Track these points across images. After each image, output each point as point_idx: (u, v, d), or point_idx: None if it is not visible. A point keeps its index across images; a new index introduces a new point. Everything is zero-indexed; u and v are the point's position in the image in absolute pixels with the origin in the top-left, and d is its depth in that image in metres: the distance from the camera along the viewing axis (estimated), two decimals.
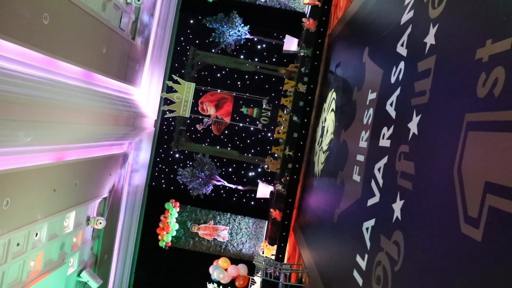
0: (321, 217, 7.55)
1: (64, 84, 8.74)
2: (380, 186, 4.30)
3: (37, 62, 7.84)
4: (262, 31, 13.27)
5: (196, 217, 13.58)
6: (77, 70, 9.40)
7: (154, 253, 13.56)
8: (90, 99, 9.89)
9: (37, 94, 7.52)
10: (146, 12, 13.06)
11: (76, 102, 9.09)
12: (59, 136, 8.72)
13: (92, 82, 10.37)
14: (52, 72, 8.39)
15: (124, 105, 12.00)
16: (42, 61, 7.98)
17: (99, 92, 10.66)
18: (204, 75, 14.03)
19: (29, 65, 7.61)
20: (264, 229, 13.55)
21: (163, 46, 14.30)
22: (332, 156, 7.50)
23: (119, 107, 11.57)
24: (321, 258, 7.15)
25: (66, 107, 8.62)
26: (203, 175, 13.04)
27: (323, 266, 6.85)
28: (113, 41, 11.07)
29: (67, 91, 8.78)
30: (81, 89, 9.58)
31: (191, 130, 14.32)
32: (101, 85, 10.89)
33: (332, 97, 8.49)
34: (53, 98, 8.01)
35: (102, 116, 10.51)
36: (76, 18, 8.91)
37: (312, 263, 7.72)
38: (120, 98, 12.04)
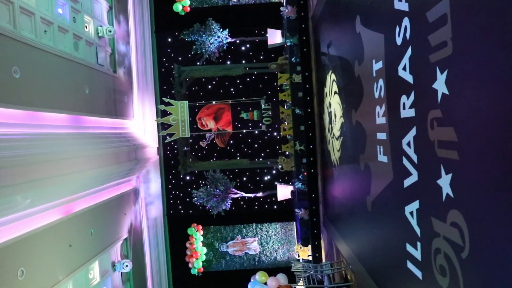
0: (352, 207, 6.98)
1: (52, 135, 8.29)
2: (415, 163, 3.75)
3: (18, 119, 7.40)
4: (242, 32, 12.77)
5: (222, 236, 13.06)
6: (63, 117, 8.96)
7: (188, 283, 13.06)
8: (85, 143, 9.44)
9: (26, 152, 7.07)
10: (121, 42, 12.63)
11: (70, 150, 8.64)
12: (61, 189, 8.27)
13: (83, 126, 9.93)
14: (37, 125, 7.95)
15: (121, 140, 11.55)
16: (23, 116, 7.54)
17: (92, 134, 10.21)
18: (195, 90, 13.55)
19: (9, 124, 7.17)
20: (293, 231, 12.99)
21: (147, 71, 13.86)
22: (348, 141, 6.94)
23: (117, 144, 11.12)
24: (362, 251, 6.59)
25: (60, 158, 8.17)
26: (219, 191, 12.53)
27: (368, 259, 6.28)
28: (94, 79, 10.63)
29: (58, 142, 8.33)
30: (73, 135, 9.14)
31: (195, 149, 13.84)
32: (92, 126, 10.44)
33: (331, 79, 7.94)
34: (45, 152, 7.55)
35: (101, 157, 10.05)
36: (49, 65, 8.48)
37: (353, 257, 7.15)
38: (116, 135, 11.59)
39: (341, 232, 8.50)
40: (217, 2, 12.42)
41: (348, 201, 7.41)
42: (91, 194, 10.12)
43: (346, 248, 7.84)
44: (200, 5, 12.47)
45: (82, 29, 10.27)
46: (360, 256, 6.71)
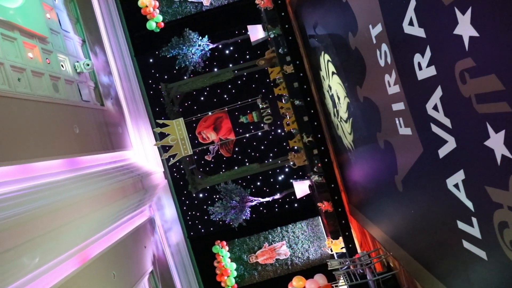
0: (379, 190, 6.43)
1: (49, 184, 7.81)
2: (448, 128, 3.20)
3: (8, 176, 6.93)
4: (223, 35, 12.27)
5: (248, 247, 12.52)
6: (57, 162, 8.49)
7: None
8: (86, 185, 8.95)
9: (24, 209, 6.59)
10: (103, 73, 12.17)
11: (71, 196, 8.16)
12: (70, 239, 7.78)
13: (80, 167, 9.46)
14: (30, 178, 7.48)
15: (124, 173, 11.06)
16: (13, 172, 7.07)
17: (92, 173, 9.73)
18: (188, 105, 13.06)
19: (1, 183, 6.70)
20: (320, 226, 12.43)
21: (136, 97, 13.39)
22: (359, 121, 6.39)
23: (120, 178, 10.63)
24: (401, 235, 6.03)
25: (62, 206, 7.68)
26: (235, 202, 12.00)
27: (409, 243, 5.72)
28: (82, 116, 10.17)
29: (56, 190, 7.85)
30: (71, 180, 8.66)
31: (202, 164, 13.34)
32: (90, 165, 9.97)
33: (325, 60, 7.40)
34: (44, 205, 7.07)
35: (106, 196, 9.57)
36: (31, 112, 8.01)
37: (391, 243, 6.59)
38: (117, 169, 11.11)
39: (372, 218, 7.95)
40: (190, 11, 11.94)
41: (373, 184, 6.86)
42: (105, 235, 9.64)
43: (380, 234, 7.28)
44: (173, 17, 11.98)
45: (59, 69, 9.82)
46: (400, 241, 6.15)
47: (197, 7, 11.85)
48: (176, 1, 11.78)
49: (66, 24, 10.96)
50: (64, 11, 11.10)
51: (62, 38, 10.44)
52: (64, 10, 11.08)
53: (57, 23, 10.47)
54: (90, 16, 12.26)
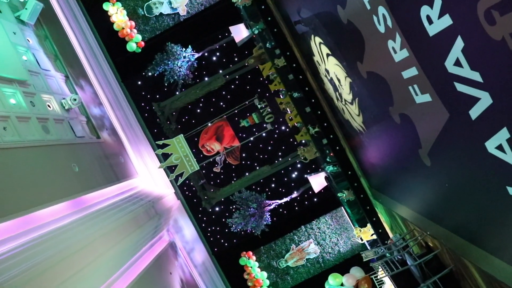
0: (403, 168, 5.93)
1: (56, 231, 7.41)
2: (479, 82, 2.72)
3: (11, 231, 6.53)
4: (206, 42, 11.84)
5: (276, 252, 12.04)
6: (61, 206, 8.08)
7: None
8: (96, 223, 8.55)
9: (33, 262, 6.19)
10: (93, 105, 11.80)
11: (83, 237, 7.75)
12: (89, 282, 7.36)
13: (86, 206, 9.05)
14: (35, 228, 7.07)
15: (134, 203, 10.65)
16: (16, 226, 6.67)
17: (100, 209, 9.33)
18: (186, 120, 12.63)
19: (3, 241, 6.30)
20: (345, 217, 11.92)
21: (131, 123, 13.01)
22: (366, 100, 5.91)
23: (131, 208, 10.22)
24: (435, 211, 5.54)
25: (75, 250, 7.28)
26: (253, 210, 11.53)
27: (447, 218, 5.23)
28: (79, 153, 9.78)
29: (65, 235, 7.44)
30: (79, 221, 8.25)
31: (211, 177, 12.91)
32: (97, 202, 9.57)
33: (317, 43, 6.92)
34: (55, 254, 6.67)
35: (120, 229, 9.16)
36: (23, 159, 7.63)
37: (425, 221, 6.08)
38: (126, 199, 10.70)
39: (398, 199, 7.46)
40: (168, 24, 11.53)
41: (394, 163, 6.36)
42: (127, 270, 9.21)
43: (411, 213, 6.78)
44: (153, 34, 11.58)
45: (45, 110, 9.44)
46: (435, 217, 5.65)
47: (174, 18, 11.44)
48: (152, 17, 11.38)
49: (45, 63, 10.59)
50: (41, 50, 10.74)
51: (43, 78, 10.07)
52: (40, 49, 10.72)
53: (35, 63, 10.10)
54: (68, 50, 11.90)
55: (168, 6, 11.20)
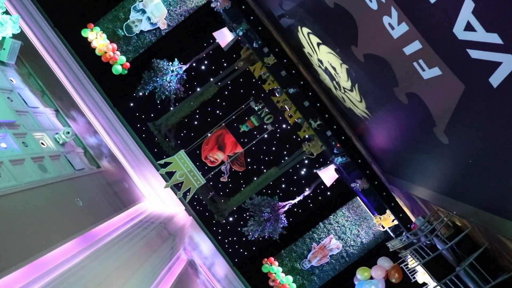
0: (417, 149, 5.59)
1: (68, 271, 7.11)
2: (498, 44, 2.39)
3: (21, 281, 6.24)
4: (192, 52, 11.54)
5: (297, 254, 11.70)
6: (70, 244, 7.79)
7: None
8: (109, 255, 8.25)
9: None
10: (88, 135, 11.54)
11: (98, 273, 7.46)
12: None
13: (97, 239, 8.76)
14: (46, 273, 6.78)
15: (145, 227, 10.36)
16: (25, 274, 6.38)
17: (112, 240, 9.03)
18: (184, 134, 12.33)
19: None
20: (362, 206, 11.56)
21: (130, 146, 12.71)
22: (367, 84, 5.59)
23: (143, 234, 9.93)
24: (459, 189, 5.19)
25: (93, 287, 6.99)
26: (267, 214, 11.20)
27: (473, 195, 4.89)
28: (81, 187, 9.51)
29: (79, 274, 7.15)
30: (91, 256, 7.95)
31: (219, 188, 12.59)
32: (108, 233, 9.28)
33: (305, 34, 6.61)
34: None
35: (135, 258, 8.88)
36: (22, 203, 7.36)
37: (449, 200, 5.74)
38: (137, 225, 10.41)
39: (415, 180, 7.13)
40: (151, 40, 11.24)
41: (406, 145, 6.03)
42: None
43: (432, 194, 6.44)
44: (136, 53, 11.29)
45: (39, 148, 9.18)
46: (460, 195, 5.31)
47: (155, 34, 11.16)
48: (133, 36, 11.10)
49: (33, 100, 10.34)
50: (26, 88, 10.49)
51: (33, 116, 9.81)
52: (25, 87, 10.47)
53: (22, 102, 9.85)
54: (54, 83, 11.63)
55: (147, 22, 10.92)
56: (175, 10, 10.97)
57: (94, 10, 11.20)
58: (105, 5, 11.12)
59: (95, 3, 11.22)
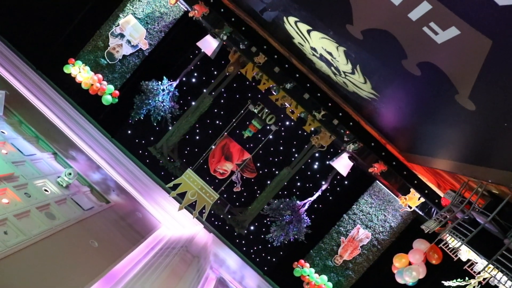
0: (437, 120, 5.16)
1: None
2: None
3: None
4: (179, 67, 11.18)
5: (327, 251, 11.25)
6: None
7: None
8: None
9: None
10: (91, 171, 11.21)
11: None
12: None
13: (120, 277, 8.39)
14: None
15: (167, 255, 9.99)
16: None
17: (135, 275, 8.66)
18: (187, 152, 11.95)
19: None
20: (384, 189, 11.09)
21: (136, 175, 12.35)
22: (369, 64, 5.17)
23: (166, 262, 9.55)
24: (493, 155, 4.75)
25: None
26: (288, 217, 10.77)
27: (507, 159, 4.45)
28: (93, 226, 9.17)
29: None
30: None
31: (235, 199, 12.20)
32: (129, 268, 8.90)
33: (293, 23, 6.20)
34: None
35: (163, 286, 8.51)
36: (35, 257, 7.02)
37: (480, 169, 5.30)
38: (158, 254, 10.04)
39: (439, 154, 6.71)
40: (135, 63, 10.89)
41: (424, 119, 5.60)
42: None
43: (460, 166, 6.00)
44: (123, 79, 10.94)
45: (43, 196, 8.85)
46: (494, 163, 4.87)
47: (138, 56, 10.81)
48: (116, 62, 10.75)
49: (28, 148, 10.03)
50: (19, 137, 10.19)
51: (31, 164, 9.49)
52: (18, 136, 10.18)
53: (18, 152, 9.54)
54: (47, 126, 11.33)
55: (128, 46, 10.57)
56: (153, 27, 10.61)
57: (72, 44, 10.91)
58: (82, 37, 10.81)
59: (72, 37, 10.94)
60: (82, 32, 10.83)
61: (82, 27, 10.84)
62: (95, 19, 10.78)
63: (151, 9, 10.48)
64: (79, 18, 10.84)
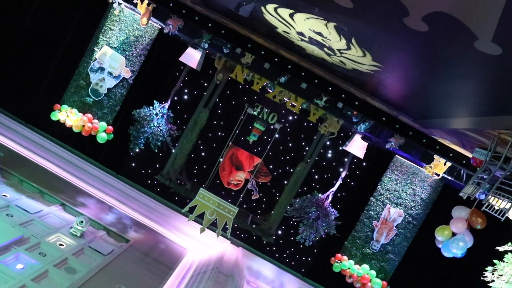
0: (455, 77, 4.64)
1: None
2: None
3: None
4: (167, 87, 10.80)
5: (362, 239, 10.72)
6: None
7: None
8: None
9: None
10: (104, 214, 10.83)
11: None
12: None
13: None
14: None
15: (199, 281, 9.57)
16: None
17: None
18: (196, 171, 11.53)
19: None
20: (406, 163, 10.55)
21: (151, 206, 11.97)
22: (365, 33, 4.68)
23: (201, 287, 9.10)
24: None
25: None
26: (314, 213, 10.30)
27: None
28: (118, 270, 8.78)
29: None
30: None
31: (255, 207, 11.77)
32: None
33: (272, 11, 5.72)
34: None
35: None
36: None
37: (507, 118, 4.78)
38: (191, 282, 9.61)
39: (458, 113, 6.19)
40: (122, 94, 10.50)
41: (437, 78, 5.08)
42: None
43: (487, 120, 5.47)
44: (114, 113, 10.56)
45: (59, 251, 8.45)
46: None
47: (123, 85, 10.43)
48: (103, 98, 10.36)
49: (33, 205, 9.66)
50: (22, 196, 9.84)
51: (40, 221, 9.12)
52: (21, 196, 9.82)
53: (24, 212, 9.17)
54: (49, 178, 11.00)
55: (110, 78, 10.18)
56: (131, 53, 10.22)
57: (55, 90, 10.69)
58: (62, 80, 10.58)
59: (52, 83, 10.73)
60: (61, 75, 10.62)
61: (60, 71, 10.64)
62: (71, 60, 10.56)
63: (125, 35, 10.08)
64: (55, 63, 10.65)
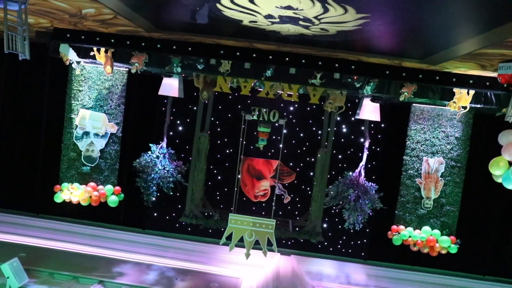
0: None
1: None
2: None
3: None
4: (157, 127, 10.46)
5: (412, 203, 9.78)
6: None
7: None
8: None
9: None
10: (143, 275, 10.37)
11: None
12: None
13: None
14: None
15: None
16: None
17: None
18: (218, 197, 11.03)
19: None
20: (425, 107, 9.69)
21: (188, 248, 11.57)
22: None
23: None
24: None
25: None
26: (353, 195, 9.60)
27: None
28: None
29: None
30: None
31: (291, 210, 11.24)
32: None
33: (229, 5, 5.07)
34: None
35: None
36: None
37: None
38: None
39: (467, 35, 5.51)
40: (116, 150, 9.95)
41: (434, 7, 4.38)
42: None
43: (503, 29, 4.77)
44: (115, 172, 10.01)
45: None
46: None
47: (114, 141, 9.90)
48: (99, 161, 9.89)
49: None
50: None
51: None
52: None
53: None
54: (78, 260, 10.68)
55: (98, 138, 9.73)
56: (110, 106, 9.74)
57: (49, 173, 10.54)
58: (52, 161, 10.39)
59: (44, 167, 10.84)
60: (49, 156, 10.61)
61: (47, 152, 10.69)
62: (53, 137, 10.39)
63: (96, 91, 9.64)
64: (41, 147, 10.76)
